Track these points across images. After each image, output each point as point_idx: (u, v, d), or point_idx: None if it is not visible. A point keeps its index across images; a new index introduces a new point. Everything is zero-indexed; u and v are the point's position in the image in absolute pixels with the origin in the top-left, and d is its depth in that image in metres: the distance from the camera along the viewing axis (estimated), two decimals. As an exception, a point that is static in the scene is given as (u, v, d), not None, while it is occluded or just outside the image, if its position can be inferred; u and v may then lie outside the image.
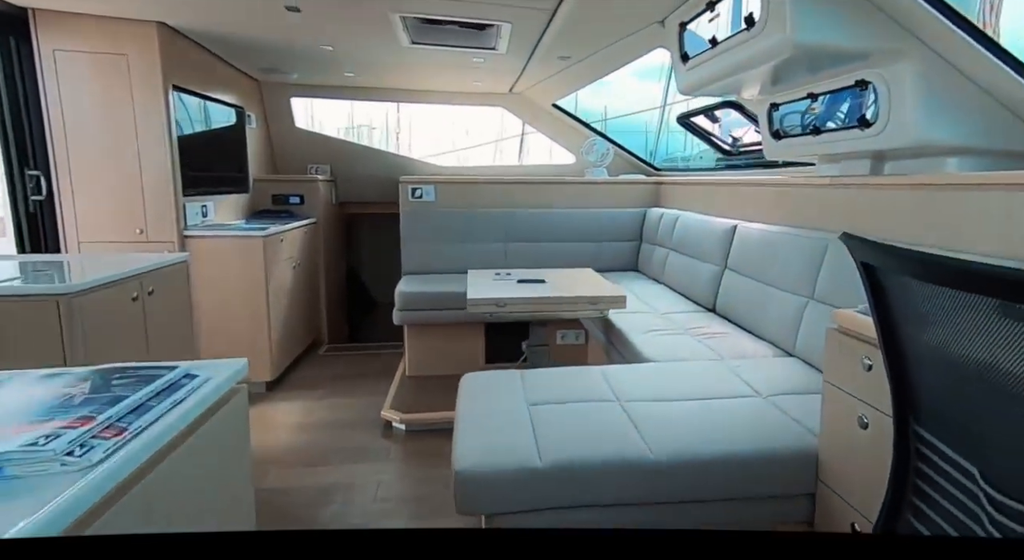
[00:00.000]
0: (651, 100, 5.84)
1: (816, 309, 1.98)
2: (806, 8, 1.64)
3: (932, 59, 1.66)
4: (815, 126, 2.20)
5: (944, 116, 1.70)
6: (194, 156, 3.11)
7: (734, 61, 2.01)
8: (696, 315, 2.69)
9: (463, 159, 27.28)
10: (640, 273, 3.88)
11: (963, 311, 0.65)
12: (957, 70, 1.66)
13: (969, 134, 1.71)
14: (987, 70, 1.57)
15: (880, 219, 1.92)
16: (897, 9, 1.61)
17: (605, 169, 4.23)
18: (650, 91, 5.60)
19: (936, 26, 1.55)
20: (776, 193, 2.58)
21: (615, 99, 6.89)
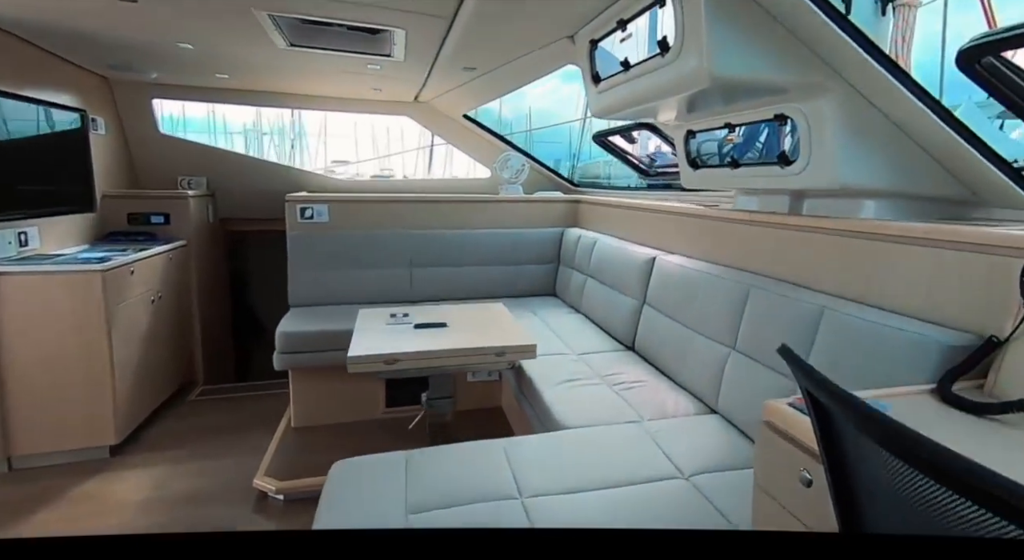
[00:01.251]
0: (576, 102, 5.69)
1: (738, 362, 1.83)
2: (723, 37, 1.47)
3: (852, 96, 1.55)
4: (733, 158, 2.06)
5: (864, 157, 1.59)
6: (5, 171, 2.51)
7: (648, 87, 1.82)
8: (615, 356, 2.50)
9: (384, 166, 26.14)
10: (558, 299, 3.68)
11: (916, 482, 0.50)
12: (877, 109, 1.55)
13: (889, 177, 1.61)
14: (905, 109, 1.47)
15: (800, 263, 1.80)
16: (818, 41, 1.48)
17: (520, 186, 4.00)
18: (577, 93, 5.48)
19: (855, 59, 1.42)
20: (697, 225, 2.44)
21: (539, 100, 6.71)
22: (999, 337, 1.12)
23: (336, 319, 2.95)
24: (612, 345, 2.65)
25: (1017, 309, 1.10)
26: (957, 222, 1.40)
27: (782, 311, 1.68)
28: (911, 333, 1.26)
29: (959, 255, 1.29)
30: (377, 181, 4.40)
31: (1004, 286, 1.17)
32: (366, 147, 30.49)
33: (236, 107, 4.01)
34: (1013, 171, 1.47)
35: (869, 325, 1.38)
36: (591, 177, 15.07)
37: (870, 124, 1.57)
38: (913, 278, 1.40)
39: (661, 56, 1.68)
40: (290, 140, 8.54)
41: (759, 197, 2.15)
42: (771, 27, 1.50)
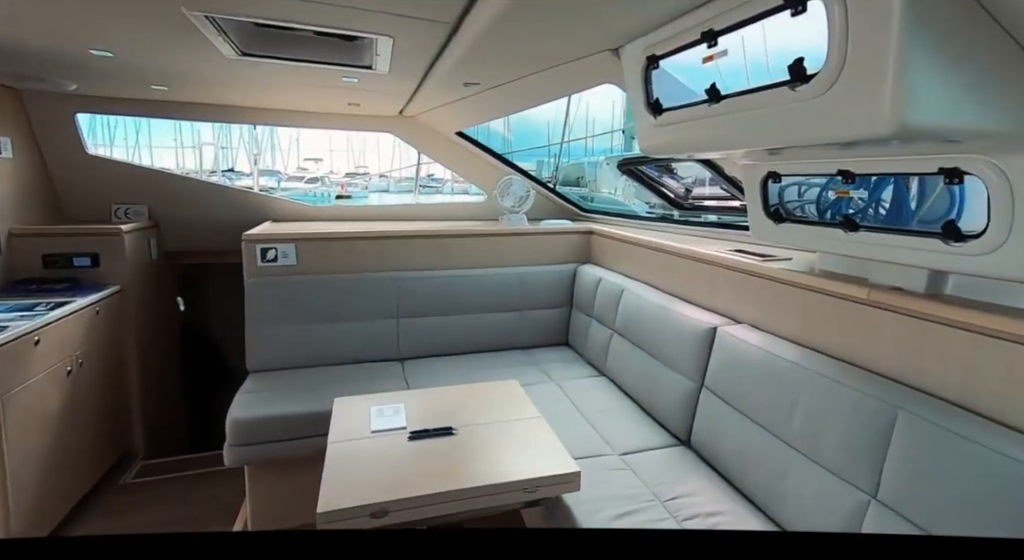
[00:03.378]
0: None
1: (884, 517, 1.27)
2: (929, 66, 0.91)
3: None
4: (847, 217, 1.52)
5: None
6: None
7: (755, 128, 1.26)
8: (669, 459, 1.94)
9: (359, 163, 25.01)
10: (571, 350, 3.12)
11: None
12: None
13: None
14: None
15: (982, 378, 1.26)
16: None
17: (524, 214, 3.42)
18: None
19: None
20: (769, 289, 1.89)
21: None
22: None
23: (306, 394, 2.33)
24: (661, 436, 2.09)
25: None
26: None
27: (965, 464, 1.13)
28: None
29: None
30: (355, 208, 3.76)
31: None
32: (340, 141, 29.45)
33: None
34: None
35: None
36: (574, 179, 14.52)
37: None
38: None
39: (791, 88, 1.11)
40: (254, 153, 7.78)
41: (873, 264, 1.61)
42: (997, 42, 0.94)
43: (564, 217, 3.77)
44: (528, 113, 3.15)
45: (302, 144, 23.06)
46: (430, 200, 5.56)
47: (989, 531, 1.06)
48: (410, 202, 4.56)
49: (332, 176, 23.33)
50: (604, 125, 16.86)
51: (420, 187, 23.12)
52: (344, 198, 19.20)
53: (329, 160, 26.89)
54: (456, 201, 3.88)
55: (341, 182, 21.98)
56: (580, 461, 1.89)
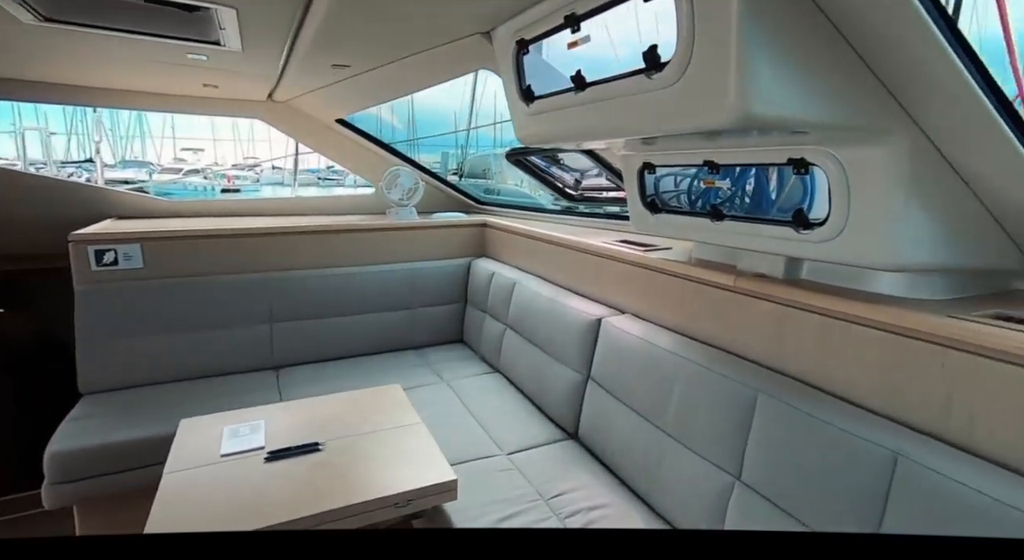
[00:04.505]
0: (463, 88, 4.61)
1: (745, 499, 1.32)
2: (766, 58, 0.92)
3: (919, 143, 1.08)
4: (714, 206, 1.56)
5: (923, 225, 1.15)
6: None
7: (617, 117, 1.24)
8: (556, 454, 1.93)
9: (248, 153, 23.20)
10: (467, 348, 3.04)
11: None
12: (946, 161, 1.11)
13: (948, 250, 1.19)
14: (997, 163, 1.04)
15: (832, 363, 1.34)
16: (904, 66, 0.98)
17: (414, 208, 3.28)
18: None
19: (959, 96, 0.95)
20: (652, 280, 1.93)
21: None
22: None
23: (151, 416, 2.05)
24: (550, 431, 2.07)
25: None
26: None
27: (817, 443, 1.19)
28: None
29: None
30: (224, 203, 3.39)
31: None
32: (225, 129, 27.09)
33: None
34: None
35: (992, 505, 0.91)
36: (480, 171, 14.42)
37: (935, 180, 1.12)
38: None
39: (647, 75, 1.09)
40: (95, 140, 6.71)
41: (741, 252, 1.68)
42: (830, 39, 0.97)
43: (459, 210, 3.68)
44: (436, 101, 3.00)
45: (179, 132, 21.00)
46: (329, 193, 5.19)
47: (835, 507, 1.13)
48: (296, 195, 4.20)
49: (216, 168, 21.46)
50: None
51: (320, 180, 21.94)
52: (231, 192, 17.71)
53: (213, 150, 24.71)
54: (343, 194, 3.63)
55: (228, 175, 20.30)
56: (466, 465, 1.82)
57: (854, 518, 1.08)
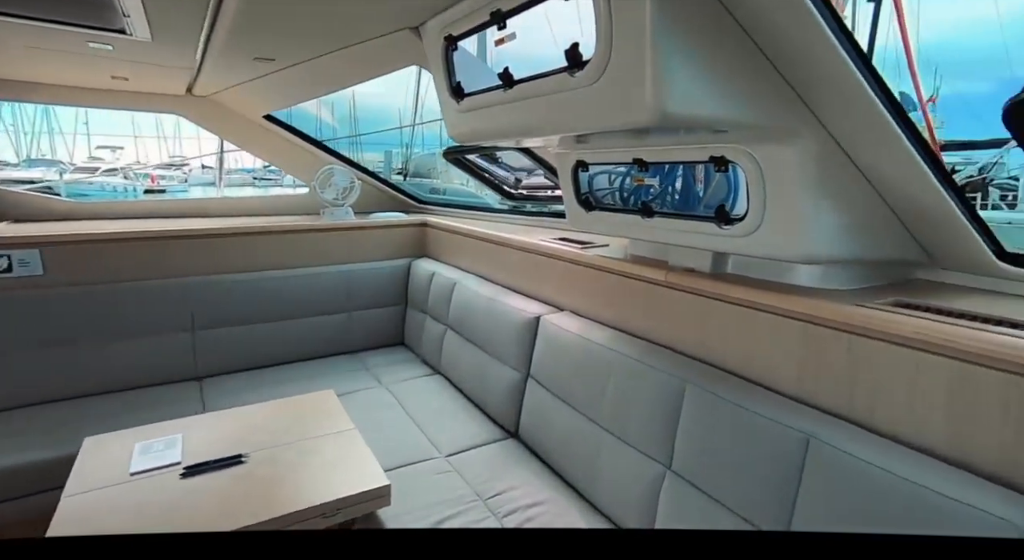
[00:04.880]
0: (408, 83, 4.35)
1: (674, 486, 1.36)
2: (680, 57, 0.95)
3: (826, 143, 1.15)
4: (645, 203, 1.60)
5: (831, 220, 1.23)
6: None
7: (545, 115, 1.25)
8: (495, 454, 1.92)
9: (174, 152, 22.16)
10: (408, 350, 2.99)
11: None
12: (850, 160, 1.18)
13: (853, 243, 1.27)
14: (895, 163, 1.12)
15: (751, 351, 1.40)
16: (807, 69, 1.03)
17: (350, 208, 3.19)
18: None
19: (856, 97, 1.01)
20: (589, 277, 1.96)
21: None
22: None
23: (49, 436, 1.89)
24: (490, 431, 2.07)
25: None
26: (952, 317, 1.08)
27: (738, 429, 1.24)
28: (969, 509, 0.87)
29: (1005, 378, 0.94)
30: (146, 203, 3.18)
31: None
32: (148, 125, 25.38)
33: None
34: (989, 234, 1.22)
35: (883, 475, 0.98)
36: (426, 171, 14.15)
37: (840, 177, 1.20)
38: (927, 399, 1.04)
39: (570, 73, 1.11)
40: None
41: (671, 247, 1.73)
42: (741, 43, 1.02)
43: (399, 210, 3.62)
44: (380, 97, 2.92)
45: (95, 128, 19.57)
46: (266, 194, 4.93)
47: (755, 489, 1.18)
48: (222, 195, 3.98)
49: (138, 168, 20.14)
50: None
51: (257, 180, 20.95)
52: (155, 193, 16.67)
53: (134, 148, 23.16)
54: (277, 194, 3.48)
55: (152, 174, 19.11)
56: (403, 469, 1.79)
57: (771, 499, 1.14)
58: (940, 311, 1.11)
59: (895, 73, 11.28)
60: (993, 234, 1.25)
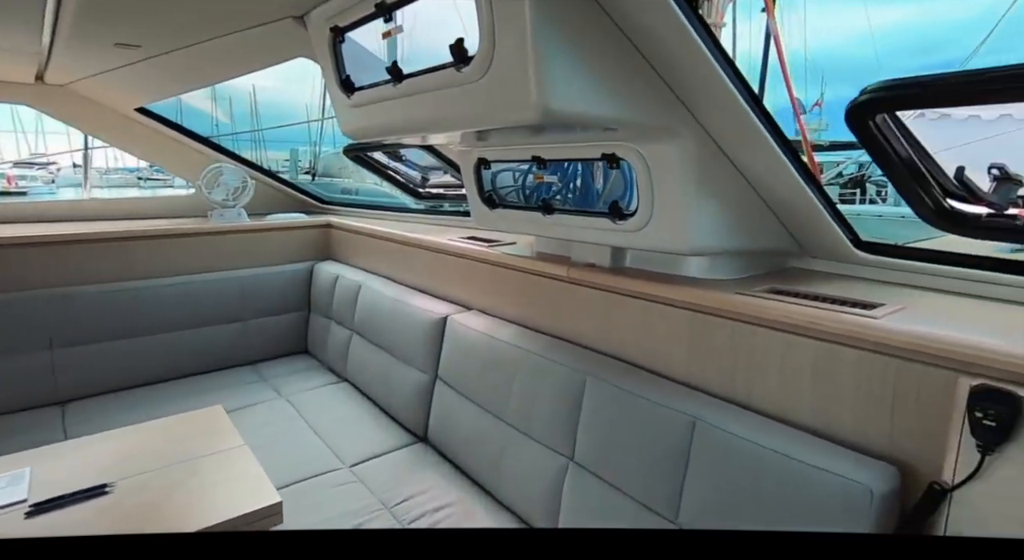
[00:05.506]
0: (315, 76, 4.02)
1: (581, 481, 1.40)
2: (561, 54, 0.97)
3: (704, 140, 1.23)
4: (545, 200, 1.63)
5: (713, 214, 1.31)
6: None
7: (435, 111, 1.23)
8: (403, 459, 1.88)
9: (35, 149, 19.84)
10: (312, 358, 2.86)
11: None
12: (726, 156, 1.27)
13: (733, 235, 1.37)
14: (763, 158, 1.22)
15: (644, 340, 1.47)
16: (679, 70, 1.09)
17: (243, 209, 2.99)
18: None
19: (723, 97, 1.09)
20: (495, 274, 1.97)
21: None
22: (942, 483, 0.88)
23: None
24: (397, 437, 2.02)
25: (958, 443, 0.87)
26: (817, 301, 1.19)
27: (634, 417, 1.30)
28: (827, 474, 0.96)
29: (858, 354, 1.05)
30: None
31: (929, 403, 0.95)
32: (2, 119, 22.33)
33: None
34: (847, 225, 1.36)
35: (755, 449, 1.07)
36: (336, 170, 13.56)
37: (719, 174, 1.28)
38: (796, 377, 1.14)
39: (457, 69, 1.10)
40: None
41: (573, 244, 1.77)
42: (620, 44, 1.06)
43: (301, 210, 3.44)
44: (280, 92, 2.73)
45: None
46: (155, 195, 4.45)
47: (648, 473, 1.24)
48: (89, 197, 3.57)
49: (0, 168, 17.80)
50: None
51: (142, 180, 19.02)
52: (14, 195, 14.74)
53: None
54: (160, 195, 3.19)
55: (8, 175, 16.93)
56: (302, 484, 1.70)
57: (663, 481, 1.20)
58: (807, 296, 1.21)
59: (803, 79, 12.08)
60: (851, 225, 1.39)
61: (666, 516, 1.19)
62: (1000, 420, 0.81)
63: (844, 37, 32.69)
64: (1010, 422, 0.81)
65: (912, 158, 1.10)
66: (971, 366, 0.89)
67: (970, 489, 0.85)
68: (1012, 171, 1.10)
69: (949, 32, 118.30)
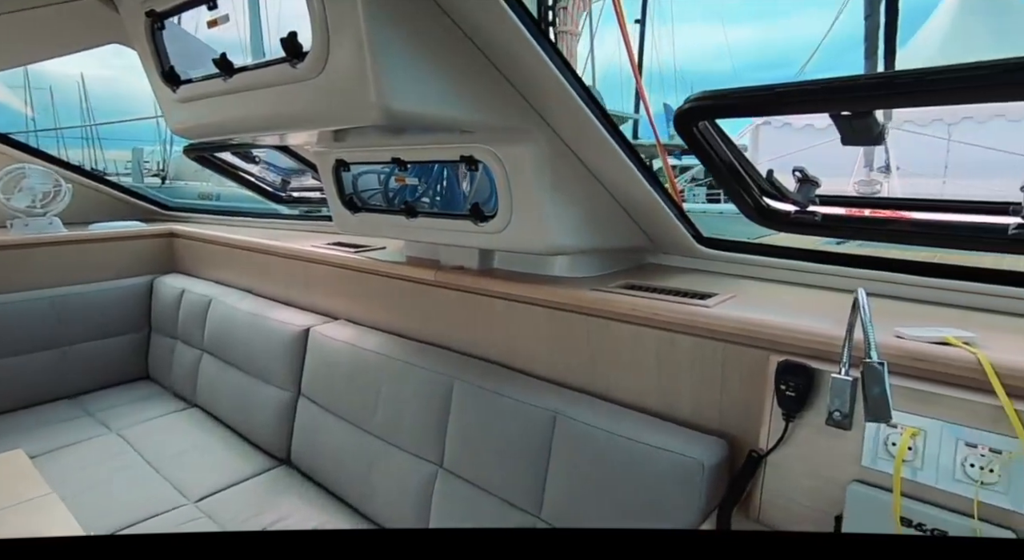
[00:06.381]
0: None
1: (448, 484, 1.41)
2: (399, 53, 0.98)
3: (555, 142, 1.31)
4: (408, 203, 1.63)
5: (570, 214, 1.40)
6: None
7: (271, 108, 1.18)
8: (262, 486, 1.77)
9: None
10: (155, 384, 2.58)
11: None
12: (577, 158, 1.37)
13: (591, 234, 1.47)
14: (608, 160, 1.32)
15: (507, 339, 1.52)
16: (522, 72, 1.16)
17: (56, 217, 2.62)
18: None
19: (565, 99, 1.17)
20: (364, 281, 1.92)
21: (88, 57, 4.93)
22: (758, 451, 1.02)
23: None
24: (256, 463, 1.89)
25: (769, 413, 1.01)
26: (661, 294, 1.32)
27: (499, 417, 1.34)
28: (667, 453, 1.07)
29: (693, 340, 1.17)
30: None
31: (748, 380, 1.09)
32: None
33: None
34: (690, 223, 1.52)
35: (608, 437, 1.15)
36: (192, 172, 12.32)
37: (573, 176, 1.37)
38: (644, 365, 1.25)
39: (291, 65, 1.06)
40: None
41: (441, 247, 1.79)
42: (462, 44, 1.10)
43: (139, 217, 3.10)
44: (125, 82, 2.39)
45: None
46: None
47: (514, 470, 1.29)
48: None
49: None
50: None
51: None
52: None
53: None
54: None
55: None
56: (135, 528, 1.54)
57: (527, 476, 1.26)
58: (654, 290, 1.34)
59: (660, 89, 13.29)
60: (692, 222, 1.56)
61: (530, 511, 1.24)
62: (799, 391, 0.96)
63: (707, 50, 36.87)
64: (806, 392, 0.96)
65: (732, 161, 1.26)
66: (778, 345, 1.04)
67: (779, 453, 0.99)
68: (811, 174, 1.31)
69: (795, 49, 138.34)
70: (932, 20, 8.05)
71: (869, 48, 4.61)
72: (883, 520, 0.83)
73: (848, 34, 3.43)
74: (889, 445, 0.86)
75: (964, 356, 0.86)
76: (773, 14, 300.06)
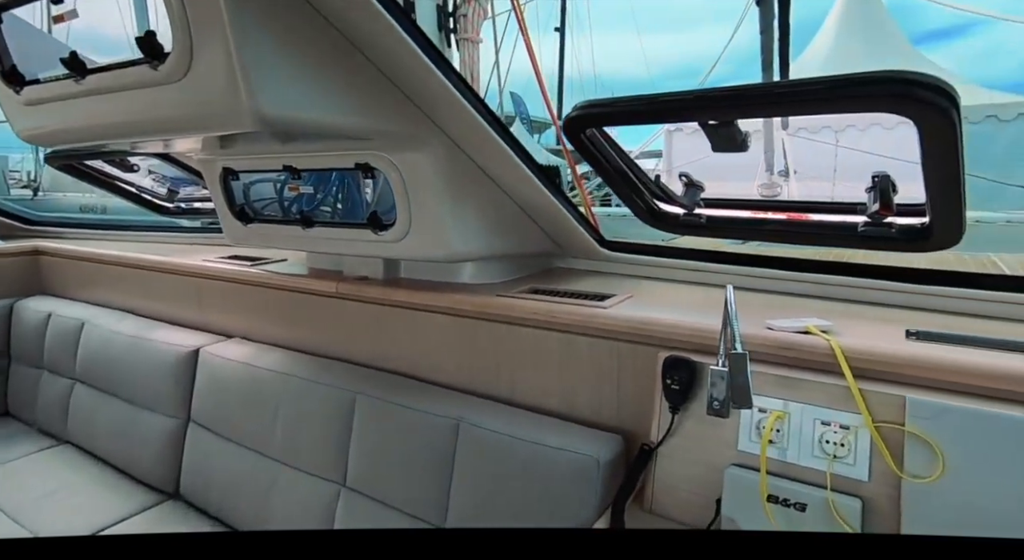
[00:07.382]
0: None
1: (352, 505, 1.40)
2: (268, 54, 0.97)
3: (452, 149, 1.35)
4: (304, 213, 1.60)
5: (471, 220, 1.44)
6: None
7: (130, 113, 1.13)
8: (141, 524, 1.66)
9: None
10: (15, 420, 2.35)
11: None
12: (476, 164, 1.41)
13: (495, 240, 1.52)
14: (505, 167, 1.37)
15: (415, 349, 1.53)
16: (407, 75, 1.18)
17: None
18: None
19: (456, 106, 1.20)
20: (266, 297, 1.86)
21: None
22: (650, 444, 1.10)
23: None
24: (138, 499, 1.77)
25: (659, 407, 1.09)
26: (563, 297, 1.38)
27: (403, 429, 1.35)
28: (565, 452, 1.13)
29: (590, 341, 1.24)
30: None
31: (641, 376, 1.17)
32: None
33: None
34: (591, 226, 1.59)
35: (510, 441, 1.20)
36: (72, 182, 11.33)
37: (472, 182, 1.41)
38: (546, 366, 1.31)
39: (151, 66, 1.02)
40: None
41: (344, 257, 1.77)
42: (342, 48, 1.10)
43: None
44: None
45: None
46: None
47: (419, 481, 1.30)
48: None
49: None
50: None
51: None
52: None
53: None
54: None
55: None
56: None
57: (432, 487, 1.28)
58: (556, 293, 1.40)
59: (581, 95, 13.93)
60: (595, 227, 1.64)
61: (434, 523, 1.26)
62: (683, 384, 1.04)
63: (625, 59, 38.55)
64: (690, 384, 1.05)
65: (622, 166, 1.35)
66: (666, 341, 1.12)
67: (667, 444, 1.07)
68: (695, 178, 1.42)
69: (708, 58, 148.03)
70: (818, 37, 8.95)
71: (765, 61, 5.05)
72: (754, 500, 0.92)
73: (755, 47, 3.74)
74: (760, 428, 0.96)
75: (821, 343, 0.98)
76: (686, 22, 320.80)
